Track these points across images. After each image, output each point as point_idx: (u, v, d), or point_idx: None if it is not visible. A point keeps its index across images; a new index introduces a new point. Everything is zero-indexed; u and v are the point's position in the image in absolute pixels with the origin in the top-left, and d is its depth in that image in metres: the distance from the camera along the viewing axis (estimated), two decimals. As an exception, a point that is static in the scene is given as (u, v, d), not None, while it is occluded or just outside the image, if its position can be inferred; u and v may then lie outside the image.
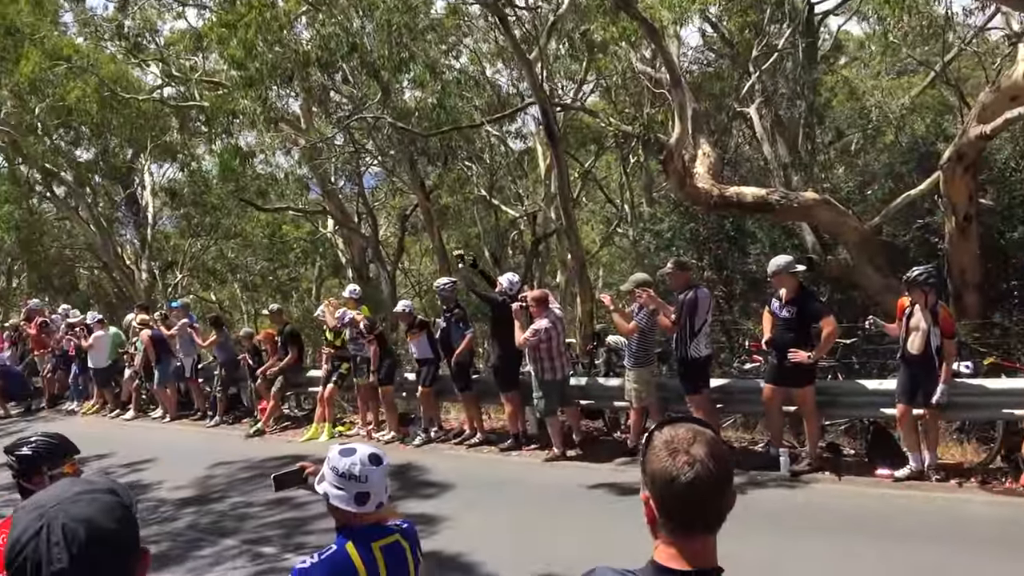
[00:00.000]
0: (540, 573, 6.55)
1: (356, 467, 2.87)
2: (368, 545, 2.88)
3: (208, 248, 27.33)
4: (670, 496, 1.80)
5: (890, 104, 16.15)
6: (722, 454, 1.83)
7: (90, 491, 1.51)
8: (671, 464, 1.80)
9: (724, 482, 1.81)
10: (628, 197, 21.84)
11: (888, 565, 6.08)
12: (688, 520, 1.82)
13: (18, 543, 1.44)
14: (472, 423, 11.17)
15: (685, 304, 8.98)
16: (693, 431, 1.85)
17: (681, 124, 10.71)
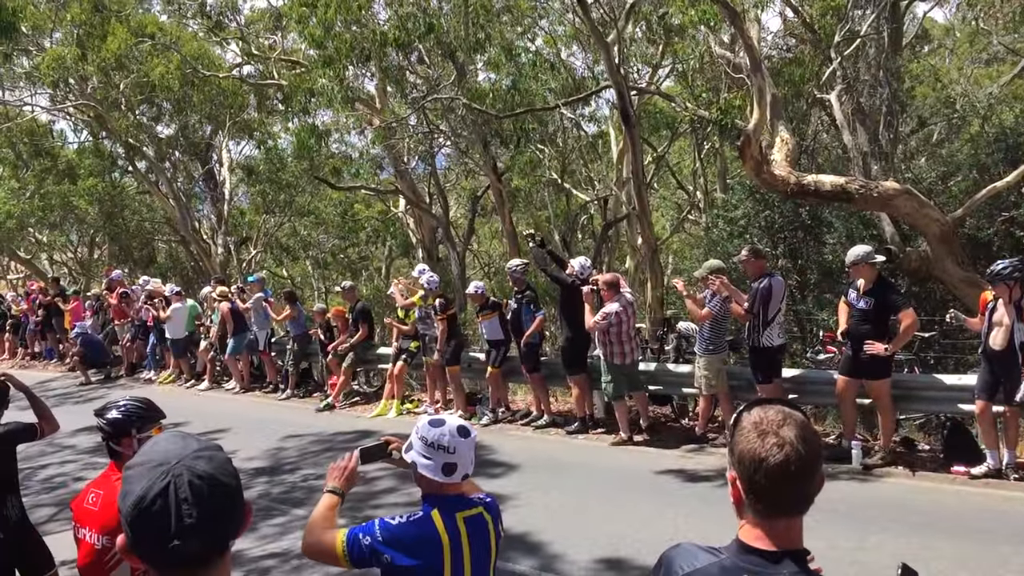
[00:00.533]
0: (605, 555, 6.60)
1: (445, 438, 2.92)
2: (452, 515, 2.94)
3: (282, 225, 27.83)
4: (759, 477, 1.81)
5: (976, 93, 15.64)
6: (812, 437, 1.83)
7: (206, 448, 1.57)
8: (760, 445, 1.81)
9: (813, 465, 1.81)
10: (701, 183, 21.59)
11: (963, 564, 5.96)
12: (775, 502, 1.82)
13: (144, 500, 1.48)
14: (539, 405, 11.22)
15: (759, 292, 8.88)
16: (783, 413, 1.86)
17: (759, 110, 10.54)
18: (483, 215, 26.24)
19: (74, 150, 26.73)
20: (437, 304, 11.56)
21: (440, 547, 2.87)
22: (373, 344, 13.70)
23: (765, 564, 1.80)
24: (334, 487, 3.15)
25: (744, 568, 1.80)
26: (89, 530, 3.91)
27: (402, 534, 2.88)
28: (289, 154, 24.75)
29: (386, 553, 2.85)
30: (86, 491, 4.07)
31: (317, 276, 31.36)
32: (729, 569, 1.81)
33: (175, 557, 1.48)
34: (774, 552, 1.81)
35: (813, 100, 15.53)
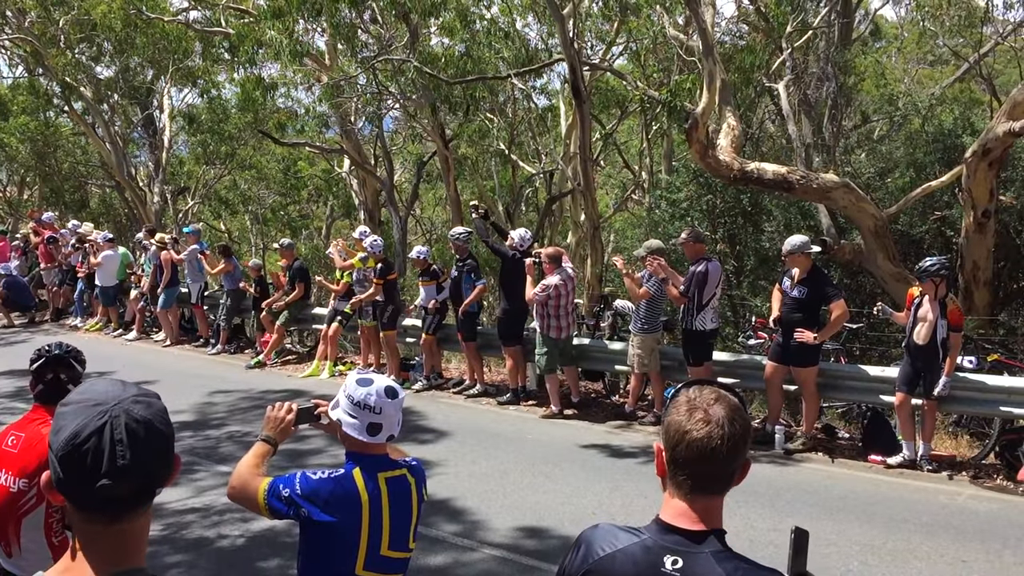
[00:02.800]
0: (527, 524, 6.66)
1: (371, 398, 2.90)
2: (375, 475, 2.93)
3: (222, 177, 27.28)
4: (681, 449, 1.83)
5: (919, 93, 15.97)
6: (740, 419, 1.85)
7: (145, 395, 1.55)
8: (687, 420, 1.83)
9: (736, 446, 1.82)
10: (647, 163, 21.71)
11: (873, 549, 6.15)
12: (696, 477, 1.84)
13: (78, 436, 1.46)
14: (473, 374, 11.24)
15: (695, 276, 9.00)
16: (717, 393, 1.88)
17: (709, 94, 10.60)
18: (428, 181, 26.04)
19: (7, 86, 25.78)
20: (378, 268, 11.47)
21: (359, 505, 2.85)
22: (308, 304, 13.56)
23: (687, 544, 1.80)
24: (268, 436, 3.12)
25: (667, 548, 1.80)
26: (6, 472, 3.83)
27: (321, 489, 2.86)
28: (233, 105, 24.18)
29: (304, 507, 2.84)
30: (5, 433, 3.97)
31: (256, 232, 30.85)
32: (652, 549, 1.81)
33: (101, 496, 1.46)
34: (696, 532, 1.82)
35: (762, 89, 15.68)
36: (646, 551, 1.82)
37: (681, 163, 15.58)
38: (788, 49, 14.51)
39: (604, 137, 21.03)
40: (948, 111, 13.88)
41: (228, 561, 6.15)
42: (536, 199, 24.45)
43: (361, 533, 2.85)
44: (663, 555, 1.79)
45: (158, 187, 22.42)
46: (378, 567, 2.91)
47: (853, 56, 16.67)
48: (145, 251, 15.13)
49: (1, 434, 4.00)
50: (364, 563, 2.87)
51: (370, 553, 2.88)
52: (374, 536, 2.88)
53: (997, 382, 8.03)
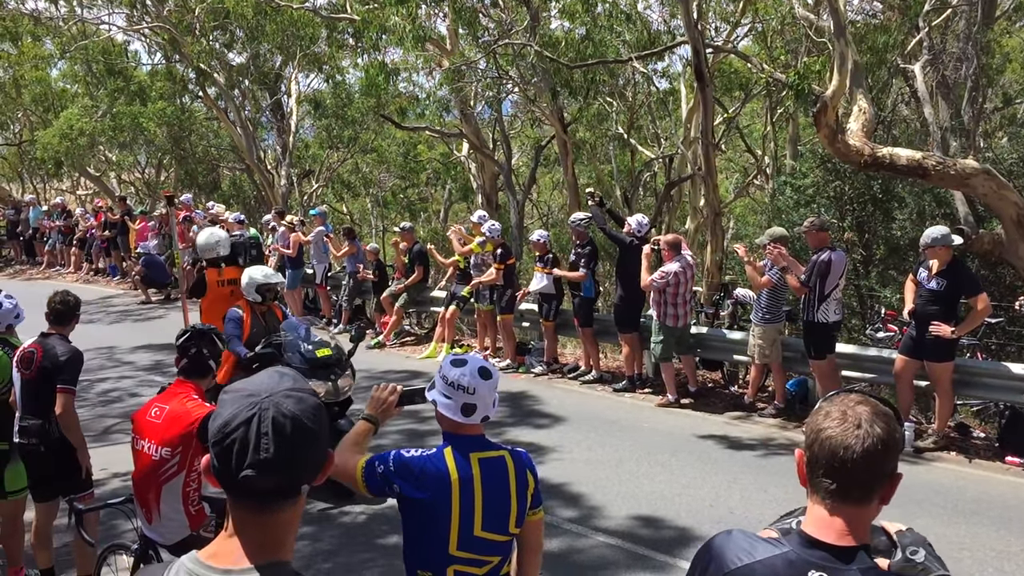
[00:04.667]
0: (643, 513, 6.61)
1: (465, 378, 2.90)
2: (467, 455, 2.94)
3: (345, 160, 27.93)
4: (815, 448, 1.77)
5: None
6: (884, 422, 1.77)
7: (299, 390, 1.57)
8: (824, 418, 1.78)
9: (880, 449, 1.74)
10: (771, 148, 21.11)
11: (1009, 556, 5.84)
12: (835, 479, 1.76)
13: (228, 425, 1.51)
14: (589, 360, 11.20)
15: (817, 266, 8.68)
16: (864, 398, 1.81)
17: (839, 76, 10.18)
18: (546, 165, 25.99)
19: (146, 72, 27.03)
20: (498, 253, 11.53)
21: (448, 484, 2.87)
22: (427, 286, 13.77)
23: (834, 560, 1.72)
24: (369, 415, 3.18)
25: (812, 563, 1.72)
26: (149, 441, 4.06)
27: (412, 466, 2.90)
28: (356, 90, 24.73)
29: (395, 482, 2.89)
30: (149, 404, 4.21)
31: (376, 214, 31.50)
32: (796, 564, 1.73)
33: (245, 487, 1.50)
34: (843, 548, 1.73)
35: (895, 70, 15.01)
36: (788, 565, 1.74)
37: (807, 148, 15.10)
38: (925, 28, 13.81)
39: (726, 121, 20.54)
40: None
41: (349, 535, 6.33)
42: (654, 184, 24.14)
43: (452, 512, 2.87)
44: (807, 570, 1.72)
45: (285, 170, 23.15)
46: (473, 547, 2.91)
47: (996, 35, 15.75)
48: (273, 232, 15.64)
49: (145, 406, 4.24)
50: (457, 543, 2.89)
51: (463, 533, 2.88)
52: (466, 516, 2.89)
53: None
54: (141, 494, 4.12)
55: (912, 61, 14.01)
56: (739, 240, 14.44)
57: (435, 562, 2.92)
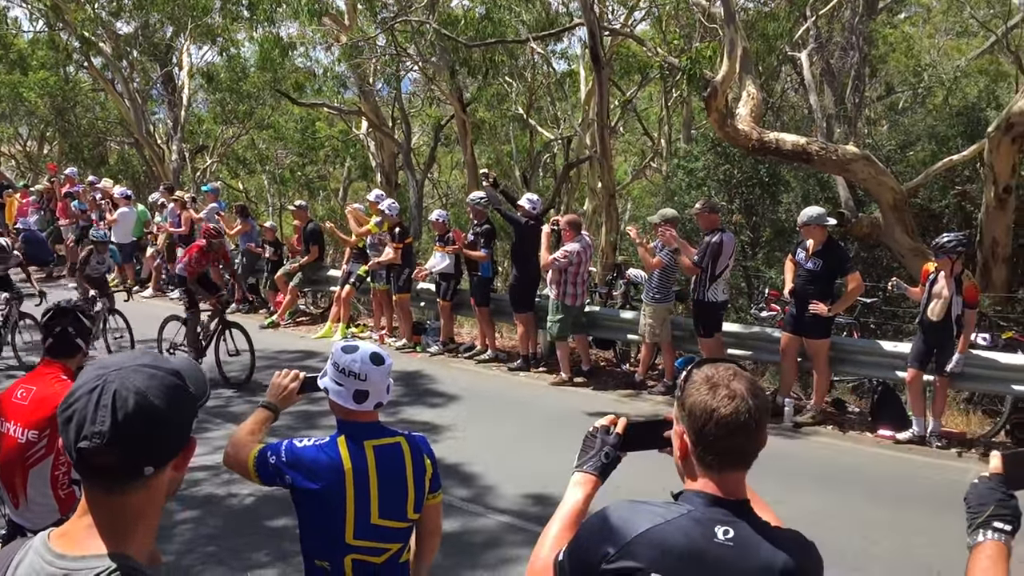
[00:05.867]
0: (536, 491, 6.70)
1: (356, 364, 2.86)
2: (361, 443, 2.90)
3: (240, 136, 27.26)
4: (710, 428, 1.84)
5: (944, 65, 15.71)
6: (760, 392, 1.87)
7: (154, 366, 1.52)
8: (712, 397, 1.84)
9: (760, 419, 1.85)
10: (666, 131, 21.52)
11: (874, 524, 6.15)
12: (725, 454, 1.86)
13: (72, 395, 1.47)
14: (484, 339, 11.26)
15: (710, 247, 8.94)
16: (733, 369, 1.90)
17: (729, 62, 10.46)
18: (446, 145, 25.92)
19: (27, 40, 25.76)
20: (396, 232, 11.46)
21: (342, 474, 2.83)
22: (323, 266, 13.59)
23: (732, 516, 1.84)
24: (269, 402, 3.11)
25: (716, 519, 1.83)
26: (15, 424, 3.90)
27: (305, 456, 2.85)
28: (252, 64, 24.12)
29: (288, 474, 2.84)
30: (15, 386, 4.04)
31: (273, 192, 30.88)
32: (703, 521, 1.83)
33: (85, 462, 1.45)
34: (736, 502, 1.86)
35: (784, 57, 15.47)
36: (696, 523, 1.83)
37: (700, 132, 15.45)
38: (812, 17, 14.28)
39: (623, 104, 20.82)
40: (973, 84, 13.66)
41: (237, 519, 6.23)
42: (554, 165, 24.34)
43: (347, 501, 2.83)
44: (713, 526, 1.82)
45: (176, 145, 22.43)
46: (371, 535, 2.88)
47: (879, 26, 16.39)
48: (162, 209, 15.17)
49: (10, 388, 4.06)
50: (354, 531, 2.85)
51: (359, 521, 2.85)
52: (361, 504, 2.85)
53: (1010, 360, 7.97)
54: (7, 479, 3.96)
55: (800, 49, 14.49)
56: (634, 222, 14.71)
57: (332, 552, 2.88)
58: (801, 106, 16.17)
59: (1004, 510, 1.94)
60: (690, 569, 1.79)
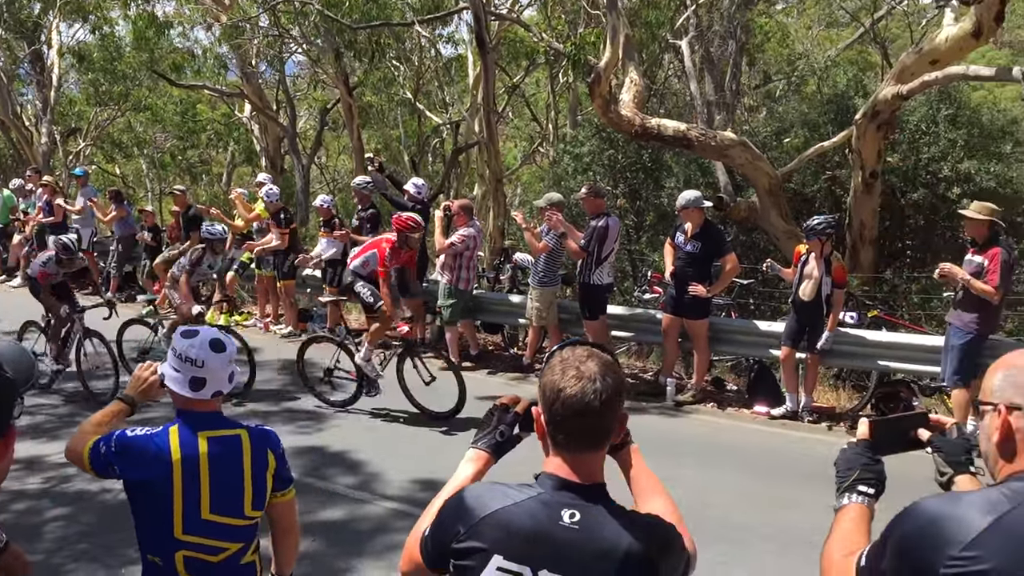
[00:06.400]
0: (423, 477, 6.69)
1: (193, 350, 2.75)
2: (195, 433, 2.77)
3: (115, 119, 26.16)
4: (556, 407, 1.85)
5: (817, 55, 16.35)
6: (613, 375, 1.88)
7: None
8: (560, 377, 1.86)
9: (610, 400, 1.85)
10: (553, 117, 21.72)
11: (750, 497, 6.39)
12: (573, 433, 1.87)
13: None
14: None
15: (596, 231, 9.07)
16: (590, 351, 1.92)
17: (612, 49, 10.62)
18: (333, 129, 25.52)
19: None
20: (281, 217, 11.22)
21: (168, 464, 2.70)
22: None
23: (580, 499, 1.84)
24: (126, 395, 2.99)
25: (564, 503, 1.84)
26: None
27: (133, 446, 2.72)
28: (127, 43, 23.14)
29: (116, 464, 2.73)
30: None
31: (153, 176, 29.80)
32: (550, 504, 1.84)
33: None
34: (587, 486, 1.86)
35: (666, 45, 15.80)
36: (543, 506, 1.84)
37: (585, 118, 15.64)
38: (692, 6, 14.63)
39: (511, 89, 20.91)
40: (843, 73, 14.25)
41: (112, 515, 6.00)
42: (443, 150, 24.25)
43: (174, 493, 2.70)
44: (560, 509, 1.83)
45: (46, 127, 21.39)
46: (202, 531, 2.75)
47: (755, 15, 16.91)
48: (29, 195, 14.45)
49: None
50: (183, 526, 2.72)
51: (188, 515, 2.72)
52: (190, 497, 2.72)
53: (876, 337, 8.40)
54: None
55: (681, 37, 14.82)
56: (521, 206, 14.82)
57: (163, 547, 2.75)
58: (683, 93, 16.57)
59: (869, 474, 2.04)
60: (534, 551, 1.81)
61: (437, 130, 22.98)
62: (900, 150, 11.86)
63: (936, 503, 1.72)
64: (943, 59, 9.71)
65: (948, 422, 2.16)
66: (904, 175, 11.88)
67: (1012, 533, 1.60)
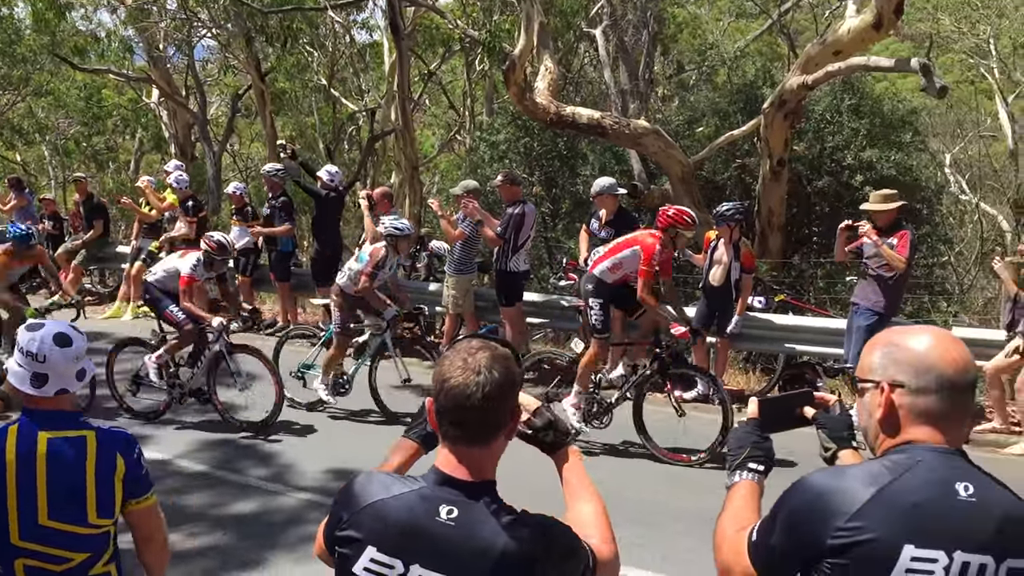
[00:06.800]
0: (337, 467, 6.64)
1: (35, 344, 2.62)
2: (35, 433, 2.60)
3: (15, 104, 25.13)
4: (442, 398, 1.83)
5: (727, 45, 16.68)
6: (502, 367, 1.84)
7: None
8: (448, 367, 1.84)
9: (492, 395, 1.81)
10: (470, 105, 21.67)
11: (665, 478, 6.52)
12: (459, 425, 1.84)
13: None
14: (286, 315, 11.00)
15: (512, 219, 9.09)
16: (483, 343, 1.89)
17: (526, 36, 10.66)
18: (246, 115, 24.98)
19: None
20: (190, 205, 10.95)
21: (3, 465, 2.54)
22: (109, 242, 12.80)
23: (461, 495, 1.81)
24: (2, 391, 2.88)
25: (443, 498, 1.81)
26: None
27: None
28: (27, 26, 22.22)
29: None
30: None
31: (56, 164, 28.73)
32: (429, 499, 1.81)
33: None
34: (470, 483, 1.83)
35: (581, 34, 15.91)
36: (422, 500, 1.82)
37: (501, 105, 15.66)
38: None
39: (427, 76, 20.79)
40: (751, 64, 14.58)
41: None
42: (359, 138, 23.99)
43: (8, 495, 2.54)
44: (439, 505, 1.80)
45: (-62, 112, 20.45)
46: (41, 539, 2.58)
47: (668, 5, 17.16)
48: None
49: None
50: (19, 532, 2.56)
51: (25, 520, 2.55)
52: (26, 501, 2.55)
53: (783, 321, 8.65)
54: None
55: (596, 26, 14.94)
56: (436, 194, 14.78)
57: (1, 553, 2.58)
58: (598, 82, 16.71)
59: (758, 452, 2.10)
60: (409, 545, 1.80)
61: (353, 117, 22.70)
62: (806, 139, 12.19)
63: (822, 477, 1.80)
64: (846, 50, 10.00)
65: (831, 399, 2.24)
66: (810, 163, 12.22)
67: (894, 503, 1.69)
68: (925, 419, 1.78)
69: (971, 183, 22.31)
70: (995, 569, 1.66)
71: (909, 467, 1.73)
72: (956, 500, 1.69)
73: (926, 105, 16.54)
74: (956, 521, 1.68)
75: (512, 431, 1.93)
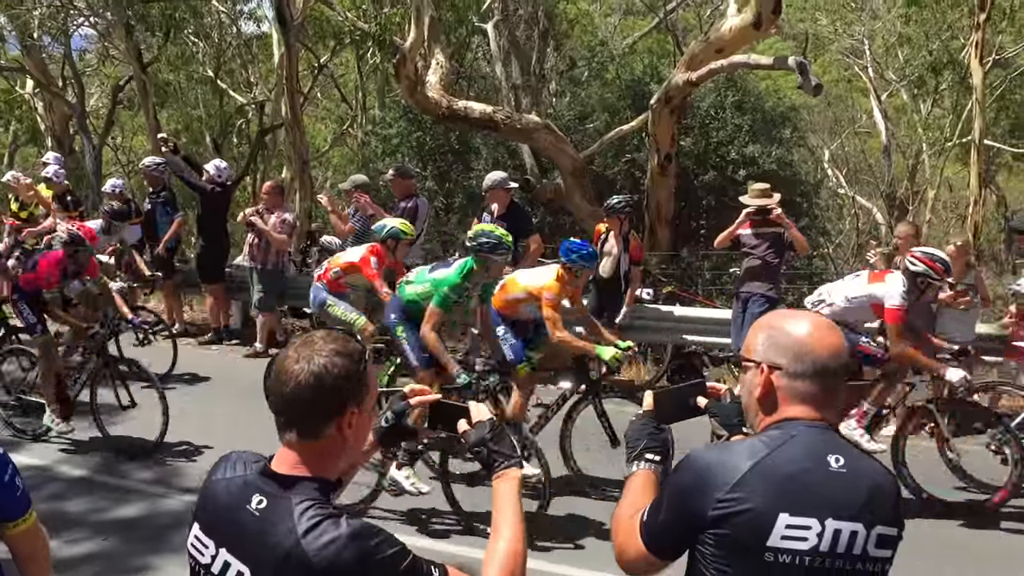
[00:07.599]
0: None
1: None
2: None
3: None
4: (271, 383, 1.83)
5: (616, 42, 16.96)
6: (333, 363, 1.79)
7: None
8: (279, 357, 1.83)
9: (306, 386, 1.77)
10: (362, 98, 21.42)
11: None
12: (280, 414, 1.83)
13: None
14: (171, 313, 10.68)
15: (404, 212, 9.04)
16: (334, 335, 1.86)
17: (416, 30, 10.61)
18: (128, 107, 24.07)
19: None
20: (68, 200, 10.50)
21: None
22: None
23: (276, 487, 1.78)
24: None
25: (259, 488, 1.79)
26: None
27: None
28: None
29: None
30: None
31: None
32: (247, 486, 1.80)
33: None
34: (287, 476, 1.80)
35: (474, 29, 15.92)
36: (242, 487, 1.81)
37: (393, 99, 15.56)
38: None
39: (318, 69, 20.45)
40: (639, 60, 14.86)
41: None
42: (249, 131, 23.41)
43: None
44: (253, 493, 1.78)
45: None
46: None
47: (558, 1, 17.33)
48: None
49: None
50: None
51: None
52: None
53: (671, 312, 8.84)
54: None
55: (487, 20, 14.96)
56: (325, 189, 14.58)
57: None
58: (491, 76, 16.74)
59: (655, 443, 2.17)
60: (221, 528, 1.81)
61: (242, 110, 22.12)
62: (692, 134, 12.52)
63: (706, 452, 1.93)
64: (728, 48, 10.31)
65: (722, 389, 2.32)
66: (696, 158, 12.55)
67: (769, 475, 1.81)
68: (801, 399, 1.89)
69: (848, 178, 23.32)
70: (865, 536, 1.79)
71: (784, 441, 1.84)
72: (828, 471, 1.82)
73: (806, 103, 17.19)
74: (828, 490, 1.80)
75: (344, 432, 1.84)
